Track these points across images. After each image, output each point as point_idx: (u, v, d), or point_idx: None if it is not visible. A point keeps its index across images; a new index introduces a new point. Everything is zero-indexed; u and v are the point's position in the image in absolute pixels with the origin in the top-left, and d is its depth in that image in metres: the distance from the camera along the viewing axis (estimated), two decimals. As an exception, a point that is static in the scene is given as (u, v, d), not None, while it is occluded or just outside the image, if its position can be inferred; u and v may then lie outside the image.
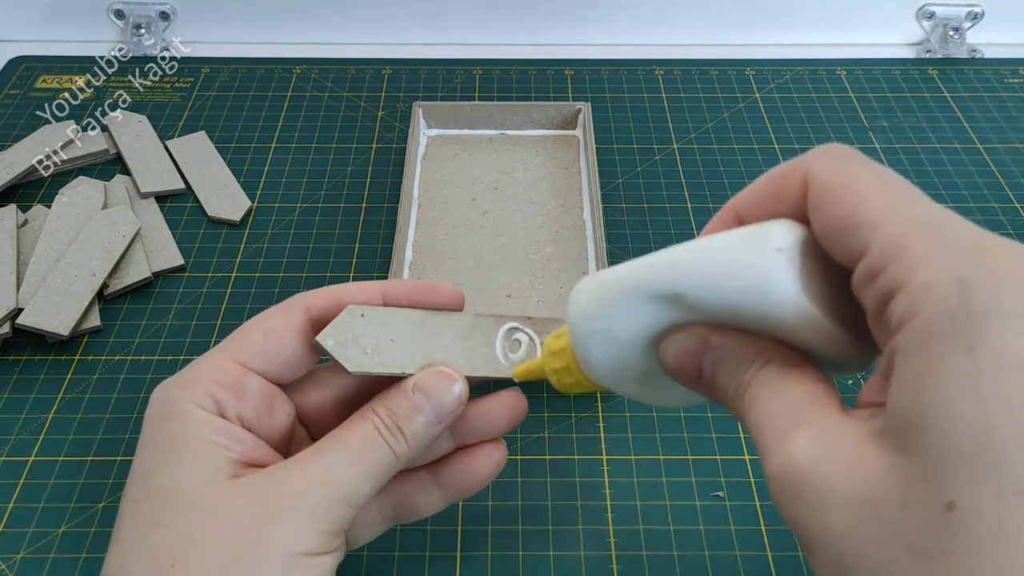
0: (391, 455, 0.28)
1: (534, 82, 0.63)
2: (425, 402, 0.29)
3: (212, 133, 0.58)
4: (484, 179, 0.53)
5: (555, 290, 0.46)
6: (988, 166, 0.56)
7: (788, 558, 0.35)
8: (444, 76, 0.64)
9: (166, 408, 0.28)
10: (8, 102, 0.61)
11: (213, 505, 0.26)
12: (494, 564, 0.35)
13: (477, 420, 0.32)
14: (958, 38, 0.66)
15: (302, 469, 0.27)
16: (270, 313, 0.30)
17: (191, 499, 0.26)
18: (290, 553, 0.26)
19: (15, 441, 0.40)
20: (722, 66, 0.65)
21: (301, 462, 0.27)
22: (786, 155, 0.57)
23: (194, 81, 0.63)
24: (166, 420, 0.28)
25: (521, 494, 0.38)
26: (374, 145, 0.57)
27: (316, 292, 0.31)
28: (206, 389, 0.28)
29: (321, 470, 0.27)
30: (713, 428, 0.40)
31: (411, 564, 0.35)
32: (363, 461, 0.28)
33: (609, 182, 0.54)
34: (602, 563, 0.35)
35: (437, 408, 0.29)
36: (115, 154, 0.56)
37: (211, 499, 0.26)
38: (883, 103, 0.62)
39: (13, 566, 0.35)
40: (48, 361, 0.43)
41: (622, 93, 0.62)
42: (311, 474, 0.27)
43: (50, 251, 0.46)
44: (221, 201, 0.52)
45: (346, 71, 0.64)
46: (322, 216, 0.52)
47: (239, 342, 0.30)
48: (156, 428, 0.28)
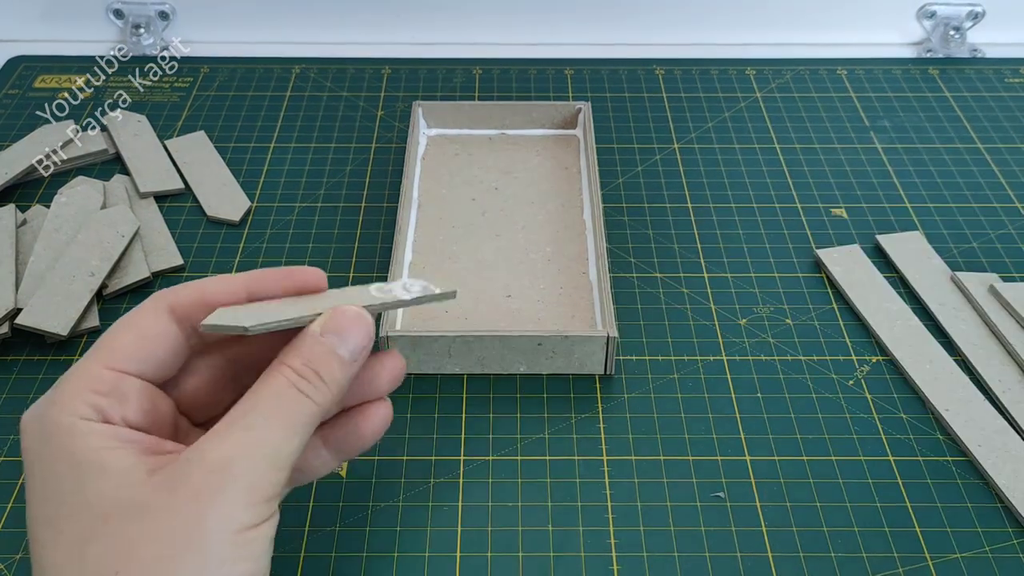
0: (312, 405, 0.27)
1: (534, 82, 0.63)
2: (338, 341, 0.28)
3: (211, 133, 0.57)
4: (484, 179, 0.53)
5: (555, 290, 0.46)
6: (989, 165, 0.56)
7: (789, 559, 0.35)
8: (444, 76, 0.64)
9: (50, 429, 0.27)
10: (7, 102, 0.60)
11: (142, 505, 0.25)
12: (494, 564, 0.35)
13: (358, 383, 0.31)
14: (959, 38, 0.66)
15: (221, 442, 0.26)
16: (136, 314, 0.30)
17: (118, 505, 0.26)
18: (231, 532, 0.25)
19: (14, 441, 0.40)
20: (723, 65, 0.65)
21: (218, 435, 0.26)
22: (787, 155, 0.57)
23: (193, 81, 0.63)
24: (55, 439, 0.27)
25: (521, 495, 0.38)
26: (373, 145, 0.57)
27: (178, 288, 0.30)
28: (85, 400, 0.27)
29: (242, 438, 0.26)
30: (714, 429, 0.40)
31: (411, 564, 0.35)
32: (284, 418, 0.27)
33: (609, 182, 0.54)
34: (602, 564, 0.35)
35: (351, 346, 0.28)
36: (114, 154, 0.56)
37: (137, 500, 0.25)
38: (884, 103, 0.62)
39: (12, 566, 0.35)
40: (47, 361, 0.43)
41: (622, 93, 0.62)
42: (232, 445, 0.26)
43: (49, 251, 0.46)
44: (220, 201, 0.52)
45: (346, 71, 0.64)
46: (321, 216, 0.52)
47: (108, 347, 0.29)
48: (46, 451, 0.27)
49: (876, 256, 0.49)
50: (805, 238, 0.51)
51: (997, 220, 0.52)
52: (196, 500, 0.25)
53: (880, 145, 0.58)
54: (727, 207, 0.53)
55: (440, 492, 0.38)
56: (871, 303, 0.46)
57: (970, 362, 0.43)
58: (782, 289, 0.47)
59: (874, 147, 0.58)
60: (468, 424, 0.41)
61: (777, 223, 0.52)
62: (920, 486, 0.38)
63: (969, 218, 0.52)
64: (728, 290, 0.47)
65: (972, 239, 0.51)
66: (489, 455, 0.39)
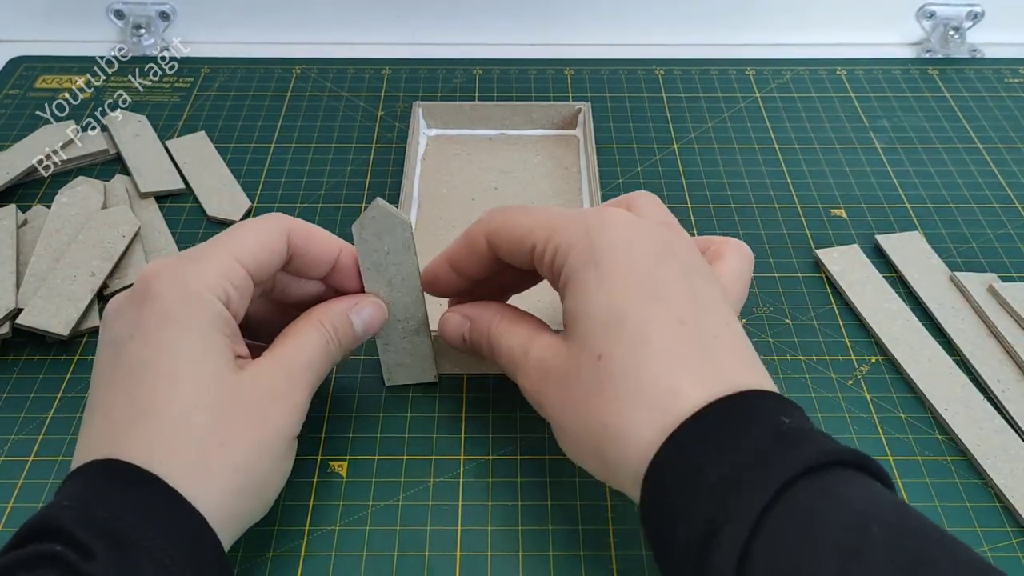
0: (330, 359, 0.35)
1: (534, 82, 0.63)
2: (360, 324, 0.36)
3: (212, 133, 0.58)
4: (484, 179, 0.53)
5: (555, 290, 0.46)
6: (989, 165, 0.56)
7: (788, 558, 0.35)
8: (444, 76, 0.64)
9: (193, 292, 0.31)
10: (8, 102, 0.61)
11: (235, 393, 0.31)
12: (494, 564, 0.35)
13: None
14: (958, 38, 0.66)
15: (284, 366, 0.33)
16: (262, 223, 0.34)
17: (222, 386, 0.31)
18: (288, 438, 0.32)
19: (14, 441, 0.40)
20: (722, 66, 0.65)
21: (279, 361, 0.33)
22: (786, 155, 0.57)
23: (194, 81, 0.63)
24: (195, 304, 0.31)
25: (521, 494, 0.38)
26: (374, 145, 0.57)
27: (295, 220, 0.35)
28: (222, 285, 0.32)
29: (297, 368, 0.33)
30: (713, 428, 0.40)
31: (411, 563, 0.35)
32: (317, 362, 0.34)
33: (609, 182, 0.54)
34: (602, 563, 0.35)
35: (365, 331, 0.37)
36: (115, 154, 0.56)
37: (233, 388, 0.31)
38: (884, 103, 0.62)
39: (12, 566, 0.35)
40: (47, 361, 0.43)
41: (622, 93, 0.62)
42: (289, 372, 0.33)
43: (49, 251, 0.46)
44: (221, 201, 0.52)
45: (346, 71, 0.64)
46: (322, 216, 0.52)
47: (239, 245, 0.33)
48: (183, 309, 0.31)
49: (875, 256, 0.49)
50: (804, 238, 0.51)
51: (996, 220, 0.52)
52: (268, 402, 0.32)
53: (879, 145, 0.58)
54: (727, 207, 0.53)
55: (440, 492, 0.38)
56: (870, 303, 0.46)
57: (969, 362, 0.43)
58: (781, 289, 0.47)
59: (873, 147, 0.58)
60: (468, 424, 0.41)
61: (777, 223, 0.52)
62: (919, 486, 0.38)
63: (968, 218, 0.52)
64: (728, 290, 0.47)
65: (971, 239, 0.51)
66: (489, 455, 0.39)
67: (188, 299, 0.31)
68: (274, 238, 0.34)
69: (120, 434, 0.29)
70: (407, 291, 0.37)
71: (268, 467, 0.31)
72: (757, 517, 0.25)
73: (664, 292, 0.30)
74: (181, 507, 0.28)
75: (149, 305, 0.31)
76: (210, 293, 0.31)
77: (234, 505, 0.30)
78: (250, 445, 0.31)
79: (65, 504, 0.27)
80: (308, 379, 0.34)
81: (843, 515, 0.24)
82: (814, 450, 0.26)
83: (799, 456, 0.26)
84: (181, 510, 0.28)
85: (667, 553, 0.27)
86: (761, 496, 0.25)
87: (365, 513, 0.37)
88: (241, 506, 0.31)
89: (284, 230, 0.34)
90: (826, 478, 0.26)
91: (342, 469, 0.39)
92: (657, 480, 0.28)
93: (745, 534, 0.25)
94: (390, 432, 0.40)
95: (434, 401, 0.42)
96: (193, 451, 0.29)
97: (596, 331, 0.30)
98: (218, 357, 0.31)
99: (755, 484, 0.25)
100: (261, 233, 0.34)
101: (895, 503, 0.26)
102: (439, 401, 0.42)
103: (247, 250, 0.33)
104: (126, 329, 0.31)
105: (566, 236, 0.32)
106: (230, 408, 0.30)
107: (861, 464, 0.27)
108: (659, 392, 0.28)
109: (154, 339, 0.30)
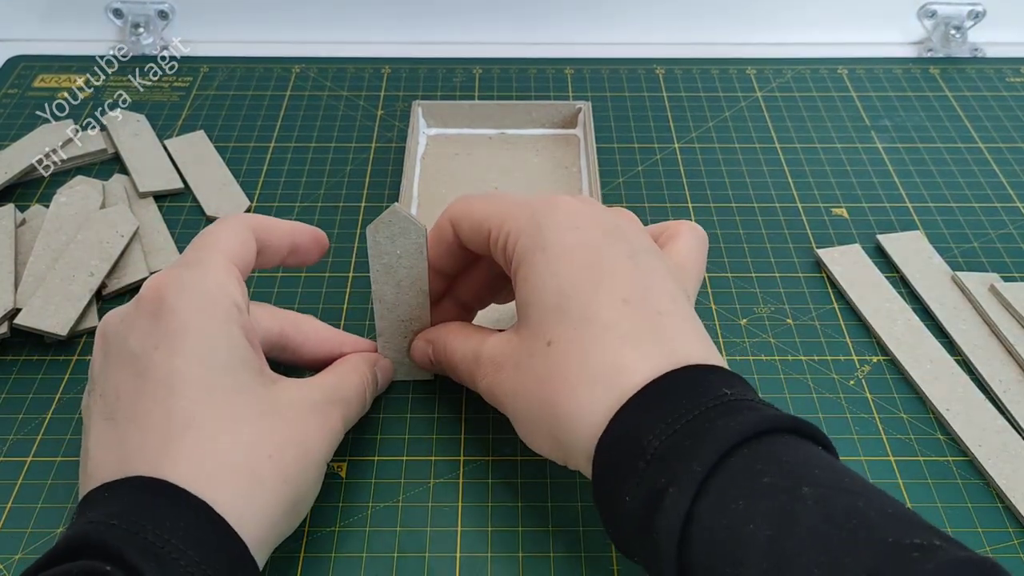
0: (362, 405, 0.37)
1: (534, 81, 0.63)
2: (381, 378, 0.39)
3: (211, 132, 0.57)
4: (484, 179, 0.53)
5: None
6: (990, 165, 0.56)
7: (790, 559, 0.35)
8: (444, 75, 0.64)
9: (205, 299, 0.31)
10: (6, 101, 0.60)
11: (274, 405, 0.31)
12: (494, 564, 0.35)
13: None
14: (960, 37, 0.66)
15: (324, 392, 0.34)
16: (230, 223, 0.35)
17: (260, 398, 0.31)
18: (323, 458, 0.33)
19: (13, 441, 0.40)
20: (723, 65, 0.65)
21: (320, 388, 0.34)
22: (787, 154, 0.57)
23: (193, 80, 0.63)
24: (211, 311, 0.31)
25: (521, 495, 0.38)
26: (373, 144, 0.57)
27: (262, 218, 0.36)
28: (231, 286, 0.32)
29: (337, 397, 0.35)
30: (714, 428, 0.40)
31: (411, 564, 0.35)
32: (354, 401, 0.36)
33: (609, 182, 0.54)
34: (602, 564, 0.35)
35: (383, 384, 0.40)
36: (114, 154, 0.56)
37: (271, 400, 0.31)
38: (885, 102, 0.62)
39: (11, 566, 0.35)
40: (46, 361, 0.43)
41: (622, 92, 0.62)
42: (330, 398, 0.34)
43: (48, 251, 0.46)
44: (220, 201, 0.52)
45: (345, 70, 0.64)
46: (321, 216, 0.52)
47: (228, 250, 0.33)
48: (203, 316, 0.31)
49: (877, 256, 0.49)
50: (806, 238, 0.51)
51: (998, 220, 0.52)
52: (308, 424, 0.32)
53: (881, 144, 0.58)
54: (727, 207, 0.53)
55: (440, 492, 0.38)
56: (872, 303, 0.46)
57: (971, 362, 0.43)
58: (783, 289, 0.47)
59: (875, 146, 0.58)
60: (468, 425, 0.40)
61: (778, 223, 0.52)
62: (921, 486, 0.38)
63: (970, 218, 0.52)
64: (728, 290, 0.47)
65: (973, 239, 0.50)
66: (489, 455, 0.39)
67: (206, 306, 0.31)
68: (248, 236, 0.35)
69: (163, 450, 0.29)
70: (414, 294, 0.38)
71: (311, 479, 0.32)
72: (700, 482, 0.26)
73: (608, 272, 0.31)
74: (228, 536, 0.28)
75: (168, 315, 0.30)
76: (226, 298, 0.32)
77: (278, 520, 0.30)
78: (296, 454, 0.31)
79: (113, 523, 0.27)
80: (344, 412, 0.35)
81: (778, 478, 0.25)
82: (755, 418, 0.27)
83: (742, 423, 0.27)
84: (228, 538, 0.28)
85: (616, 525, 0.28)
86: (703, 462, 0.26)
87: (364, 514, 0.37)
88: (282, 522, 0.31)
89: (250, 227, 0.35)
90: (766, 443, 0.27)
91: (341, 470, 0.39)
92: (605, 455, 0.29)
93: (688, 499, 0.26)
94: (390, 433, 0.40)
95: (434, 402, 0.41)
96: (242, 470, 0.29)
97: (545, 316, 0.31)
98: (250, 366, 0.31)
99: (697, 451, 0.26)
100: (237, 232, 0.34)
101: (830, 464, 0.27)
102: (439, 402, 0.41)
103: (232, 251, 0.34)
104: (148, 340, 0.30)
105: (517, 222, 0.33)
106: (272, 419, 0.31)
107: (802, 430, 0.28)
108: (605, 371, 0.29)
109: (181, 349, 0.30)
